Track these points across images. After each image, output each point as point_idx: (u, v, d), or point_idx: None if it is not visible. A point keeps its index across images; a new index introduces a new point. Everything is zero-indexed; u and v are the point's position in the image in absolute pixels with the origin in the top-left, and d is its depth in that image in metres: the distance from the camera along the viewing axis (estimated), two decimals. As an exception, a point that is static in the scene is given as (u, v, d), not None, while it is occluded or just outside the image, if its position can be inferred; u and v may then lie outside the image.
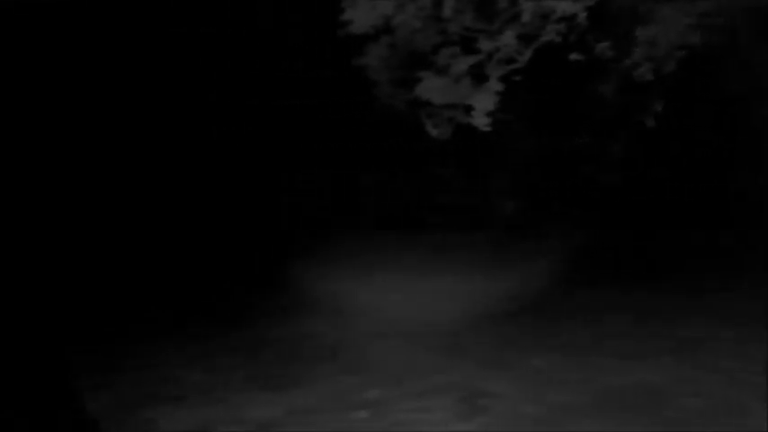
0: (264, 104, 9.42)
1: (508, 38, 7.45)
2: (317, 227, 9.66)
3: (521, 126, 9.55)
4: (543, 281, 8.06)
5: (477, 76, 8.02)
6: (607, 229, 9.61)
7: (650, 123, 7.90)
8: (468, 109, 7.90)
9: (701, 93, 9.14)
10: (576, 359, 5.92)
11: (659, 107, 7.78)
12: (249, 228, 9.55)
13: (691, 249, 9.34)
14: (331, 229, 9.60)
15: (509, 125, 8.54)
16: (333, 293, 7.80)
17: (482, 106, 7.70)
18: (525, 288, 7.92)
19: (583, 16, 7.42)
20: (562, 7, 7.31)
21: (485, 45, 7.95)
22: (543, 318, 7.22)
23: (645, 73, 7.44)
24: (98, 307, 7.69)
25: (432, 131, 8.19)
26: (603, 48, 7.59)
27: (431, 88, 7.92)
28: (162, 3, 8.39)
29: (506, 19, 7.84)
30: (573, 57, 7.74)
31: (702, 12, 7.54)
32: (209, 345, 6.59)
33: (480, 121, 7.76)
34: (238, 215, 9.56)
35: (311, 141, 9.69)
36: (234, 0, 8.93)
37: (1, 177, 6.67)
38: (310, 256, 8.73)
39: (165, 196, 9.15)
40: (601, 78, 8.05)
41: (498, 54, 7.80)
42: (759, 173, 9.37)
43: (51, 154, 7.95)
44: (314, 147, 9.72)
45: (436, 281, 8.26)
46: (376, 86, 8.34)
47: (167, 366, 6.13)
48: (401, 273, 8.43)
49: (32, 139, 7.35)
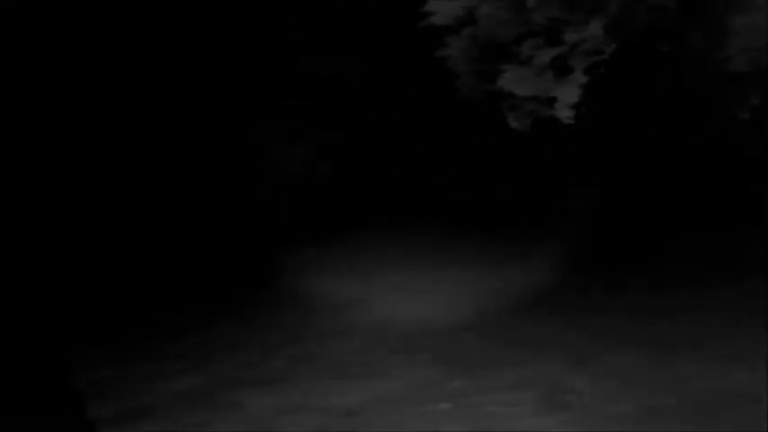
0: (347, 102, 9.44)
1: (594, 28, 7.29)
2: (393, 221, 9.66)
3: (605, 119, 9.34)
4: (626, 278, 7.87)
5: (560, 68, 7.88)
6: (696, 227, 9.28)
7: (744, 116, 7.59)
8: (551, 101, 7.78)
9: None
10: (663, 357, 5.76)
11: (756, 101, 7.46)
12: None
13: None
14: (405, 222, 9.59)
15: (593, 118, 8.35)
16: (407, 287, 7.84)
17: (566, 98, 7.57)
18: (608, 284, 7.76)
19: (673, 4, 7.18)
20: (652, -4, 7.10)
21: (569, 36, 7.80)
22: (627, 313, 7.04)
23: (740, 64, 7.14)
24: (179, 295, 7.95)
25: (513, 123, 8.10)
26: (696, 38, 7.32)
27: (513, 80, 7.83)
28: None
29: (592, 9, 7.68)
30: (662, 48, 7.51)
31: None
32: (293, 332, 6.73)
33: (564, 114, 7.63)
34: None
35: (391, 137, 9.68)
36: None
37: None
38: (386, 249, 8.78)
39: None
40: (692, 70, 7.78)
41: (583, 45, 7.64)
42: None
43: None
44: (392, 142, 9.72)
45: (507, 275, 8.20)
46: (457, 78, 8.30)
47: (253, 352, 6.30)
48: (476, 267, 8.39)
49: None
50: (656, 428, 4.55)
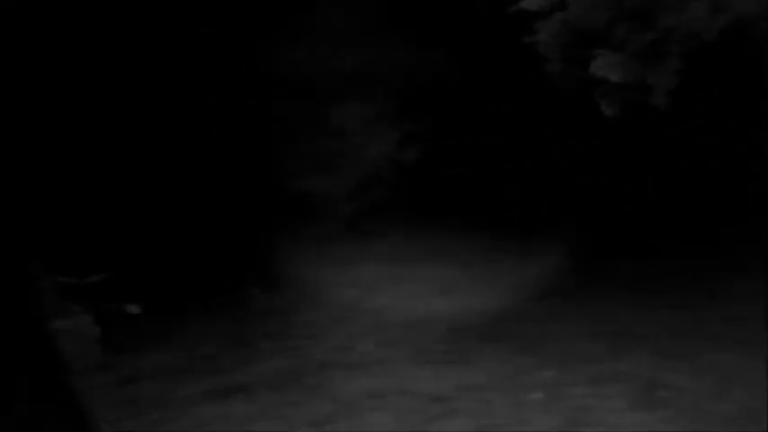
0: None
1: (695, 10, 6.95)
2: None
3: (702, 108, 8.95)
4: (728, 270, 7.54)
5: (656, 53, 7.58)
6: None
7: None
8: (646, 88, 7.49)
9: None
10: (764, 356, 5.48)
11: None
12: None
13: None
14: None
15: (690, 107, 8.01)
16: (497, 275, 7.76)
17: (662, 85, 7.26)
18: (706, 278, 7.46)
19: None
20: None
21: (666, 19, 7.48)
22: (723, 309, 6.74)
23: None
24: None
25: (606, 111, 7.84)
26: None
27: (606, 65, 7.56)
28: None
29: (691, -10, 7.34)
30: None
31: None
32: (378, 318, 6.75)
33: (660, 101, 7.32)
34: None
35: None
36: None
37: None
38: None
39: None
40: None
41: (682, 29, 7.31)
42: None
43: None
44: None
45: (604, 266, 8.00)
46: (547, 64, 8.09)
47: (340, 336, 6.35)
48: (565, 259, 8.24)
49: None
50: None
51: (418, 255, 8.68)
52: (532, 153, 9.59)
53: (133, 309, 6.15)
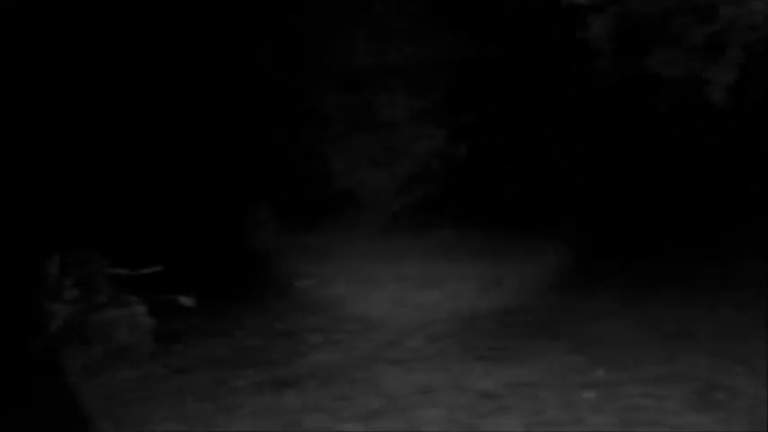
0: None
1: (759, 4, 6.75)
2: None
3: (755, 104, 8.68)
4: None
5: (714, 47, 7.39)
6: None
7: None
8: (703, 83, 7.31)
9: None
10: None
11: None
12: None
13: None
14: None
15: (751, 102, 7.79)
16: (541, 272, 7.69)
17: (721, 80, 7.08)
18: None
19: None
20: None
21: (725, 12, 7.28)
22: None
23: None
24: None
25: (660, 107, 7.69)
26: None
27: (662, 60, 7.41)
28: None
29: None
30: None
31: None
32: (426, 314, 6.73)
33: (718, 97, 7.14)
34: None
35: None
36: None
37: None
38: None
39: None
40: None
41: (742, 21, 7.11)
42: None
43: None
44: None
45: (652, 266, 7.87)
46: (599, 59, 7.96)
47: (388, 331, 6.35)
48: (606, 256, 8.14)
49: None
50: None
51: (465, 251, 8.65)
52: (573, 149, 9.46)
53: (187, 301, 6.24)
